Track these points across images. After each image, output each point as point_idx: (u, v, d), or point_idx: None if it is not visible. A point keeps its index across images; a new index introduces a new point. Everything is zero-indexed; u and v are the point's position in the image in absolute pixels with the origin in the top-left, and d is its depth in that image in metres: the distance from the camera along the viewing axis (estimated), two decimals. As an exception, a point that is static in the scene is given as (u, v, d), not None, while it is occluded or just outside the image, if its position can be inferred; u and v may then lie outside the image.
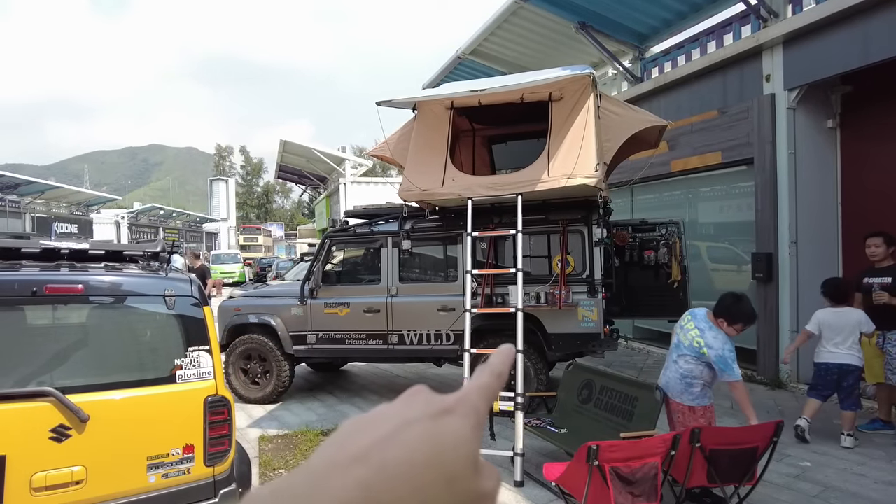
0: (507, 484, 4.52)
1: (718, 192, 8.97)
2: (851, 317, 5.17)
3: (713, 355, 3.83)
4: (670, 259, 6.95)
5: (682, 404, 3.98)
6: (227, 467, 2.99)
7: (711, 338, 3.88)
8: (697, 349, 3.91)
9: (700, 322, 4.01)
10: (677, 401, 4.01)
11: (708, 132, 8.34)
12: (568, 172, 4.95)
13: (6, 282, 2.70)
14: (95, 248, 3.35)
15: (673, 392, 4.03)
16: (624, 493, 3.23)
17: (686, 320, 4.14)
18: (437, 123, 5.53)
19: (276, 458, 5.15)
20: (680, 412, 4.00)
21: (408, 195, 5.63)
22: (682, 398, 3.98)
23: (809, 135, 7.29)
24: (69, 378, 2.72)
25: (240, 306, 7.17)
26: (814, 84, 6.98)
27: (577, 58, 10.62)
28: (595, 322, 5.85)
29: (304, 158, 28.44)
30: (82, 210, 37.38)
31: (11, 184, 28.07)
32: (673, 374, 4.05)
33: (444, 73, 12.76)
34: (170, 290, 2.95)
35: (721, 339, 3.87)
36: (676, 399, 4.01)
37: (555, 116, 5.17)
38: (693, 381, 3.94)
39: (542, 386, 5.97)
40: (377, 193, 21.42)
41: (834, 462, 4.84)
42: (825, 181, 7.38)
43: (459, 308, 5.70)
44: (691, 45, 9.00)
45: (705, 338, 3.90)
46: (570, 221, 5.96)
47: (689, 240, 8.01)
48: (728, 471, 3.58)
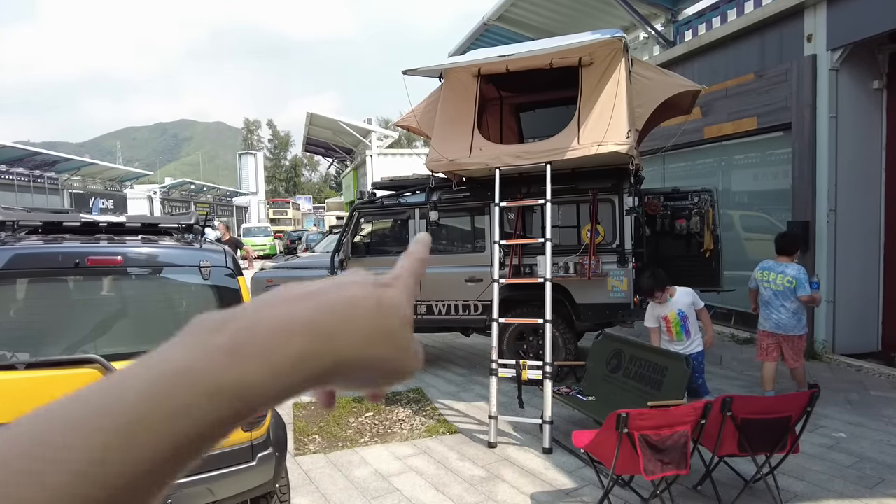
0: (535, 451, 4.58)
1: (753, 160, 8.69)
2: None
3: (797, 280, 4.99)
4: (703, 228, 6.81)
5: (796, 336, 5.11)
6: (263, 432, 3.08)
7: (792, 271, 5.08)
8: (791, 287, 5.02)
9: (777, 267, 5.18)
10: (791, 334, 5.10)
11: (743, 97, 8.05)
12: (598, 140, 4.86)
13: (51, 254, 2.79)
14: (132, 221, 3.44)
15: (787, 328, 5.10)
16: (653, 460, 3.23)
17: (765, 275, 5.23)
18: (464, 92, 5.46)
19: (310, 423, 5.30)
20: (794, 341, 5.12)
21: (435, 165, 5.61)
22: (796, 330, 5.10)
23: (853, 97, 6.97)
24: (111, 346, 2.82)
25: (272, 277, 7.32)
26: (859, 43, 6.65)
27: (607, 22, 10.30)
28: (625, 292, 5.80)
29: (330, 131, 28.48)
30: (116, 185, 38.28)
31: (49, 161, 28.87)
32: (785, 315, 5.10)
33: (471, 41, 12.52)
34: (205, 261, 3.02)
35: (796, 268, 5.10)
36: (791, 332, 5.10)
37: (585, 82, 5.05)
38: (801, 315, 5.11)
39: (570, 356, 5.98)
40: (403, 165, 21.36)
41: (869, 433, 4.76)
42: (869, 146, 7.08)
43: (487, 279, 5.70)
44: (727, 6, 8.63)
45: (788, 273, 5.07)
46: (601, 190, 5.86)
47: (722, 208, 7.82)
48: (760, 440, 3.55)
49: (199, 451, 0.30)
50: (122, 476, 0.27)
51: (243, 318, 0.33)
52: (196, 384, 0.30)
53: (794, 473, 4.04)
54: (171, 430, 0.29)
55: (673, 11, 9.83)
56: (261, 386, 0.31)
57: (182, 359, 0.31)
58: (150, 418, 0.28)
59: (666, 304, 4.76)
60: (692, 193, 6.97)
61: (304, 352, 0.32)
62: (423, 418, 5.39)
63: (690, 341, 4.75)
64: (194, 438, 0.29)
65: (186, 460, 0.30)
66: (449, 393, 6.13)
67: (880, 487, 3.88)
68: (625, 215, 5.81)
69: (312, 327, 0.33)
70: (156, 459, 0.28)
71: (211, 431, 0.30)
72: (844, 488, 3.88)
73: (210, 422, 0.30)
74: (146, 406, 0.28)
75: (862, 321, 7.14)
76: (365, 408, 5.67)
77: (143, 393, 0.29)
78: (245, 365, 0.31)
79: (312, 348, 0.32)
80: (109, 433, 0.27)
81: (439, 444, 4.80)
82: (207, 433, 0.30)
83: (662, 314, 4.80)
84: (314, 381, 0.33)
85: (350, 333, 0.34)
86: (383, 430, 5.17)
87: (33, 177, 27.69)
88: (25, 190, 26.73)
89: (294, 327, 0.32)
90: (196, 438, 0.29)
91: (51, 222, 3.20)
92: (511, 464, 4.40)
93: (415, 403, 5.80)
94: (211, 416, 0.30)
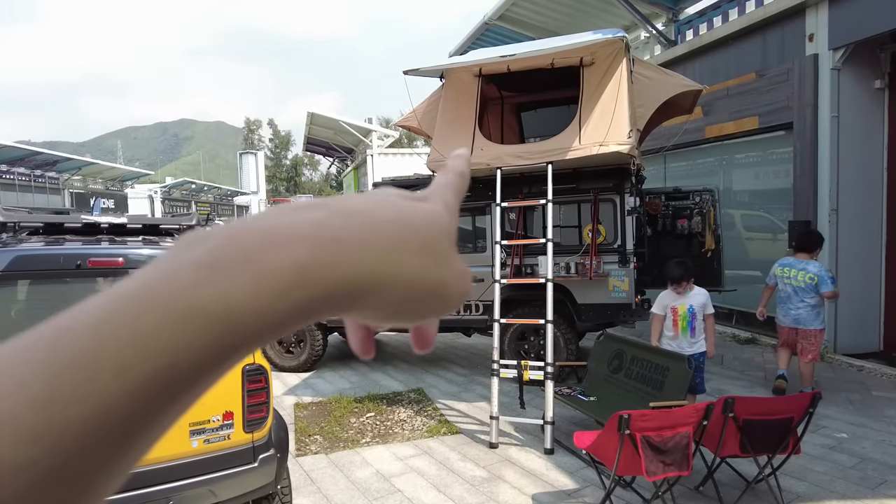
0: (536, 451, 4.58)
1: (754, 159, 8.68)
2: None
3: (819, 276, 5.24)
4: (704, 228, 6.81)
5: (813, 330, 5.37)
6: (265, 433, 3.08)
7: (814, 268, 5.34)
8: (812, 283, 5.27)
9: (797, 264, 5.42)
10: (810, 328, 5.37)
11: (744, 96, 8.04)
12: (600, 140, 4.85)
13: (53, 255, 2.79)
14: (133, 223, 3.44)
15: (806, 322, 5.36)
16: (655, 461, 3.23)
17: (786, 271, 5.46)
18: (465, 92, 5.45)
19: (311, 424, 5.30)
20: (812, 336, 5.37)
21: (436, 166, 5.59)
22: (815, 324, 5.37)
23: (855, 97, 6.96)
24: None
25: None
26: (861, 42, 6.64)
27: (608, 21, 10.29)
28: (626, 292, 5.79)
29: (331, 131, 28.46)
30: (117, 185, 38.30)
31: (50, 161, 28.87)
32: (804, 311, 5.37)
33: (471, 40, 12.51)
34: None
35: (817, 265, 5.38)
36: (809, 327, 5.36)
37: (586, 82, 5.04)
38: (819, 310, 5.37)
39: (571, 356, 5.98)
40: (404, 164, 21.35)
41: (871, 434, 4.75)
42: (871, 145, 7.07)
43: (488, 279, 5.70)
44: (728, 5, 8.62)
45: (810, 270, 5.32)
46: (602, 190, 5.86)
47: (724, 208, 7.81)
48: (761, 441, 3.55)
49: (179, 396, 0.23)
50: (68, 426, 0.21)
51: (233, 228, 0.25)
52: (160, 305, 0.23)
53: (796, 474, 4.04)
54: (133, 366, 0.22)
55: (674, 10, 9.82)
56: (249, 306, 0.23)
57: (143, 279, 0.24)
58: (104, 352, 0.22)
59: (683, 296, 4.73)
60: (693, 193, 6.97)
61: (305, 261, 0.25)
62: (424, 419, 5.39)
63: (696, 339, 4.71)
64: (166, 376, 0.22)
65: (163, 408, 0.23)
66: (450, 393, 6.13)
67: (882, 488, 3.87)
68: (626, 215, 5.81)
69: (318, 231, 0.25)
70: (115, 404, 0.21)
71: (189, 367, 0.23)
72: (846, 489, 3.88)
73: (184, 354, 0.22)
74: (98, 339, 0.22)
75: (863, 321, 7.13)
76: (366, 408, 5.66)
77: (96, 322, 0.22)
78: (226, 280, 0.23)
79: (316, 256, 0.25)
80: (54, 374, 0.21)
81: (441, 445, 4.80)
82: (184, 369, 0.23)
83: (673, 305, 4.71)
84: (325, 303, 0.25)
85: (369, 241, 0.26)
86: (384, 430, 5.17)
87: (34, 177, 27.69)
88: (27, 190, 26.74)
89: (295, 231, 0.25)
90: (169, 376, 0.22)
91: (52, 223, 3.20)
92: (512, 464, 4.40)
93: (416, 404, 5.79)
94: (184, 346, 0.22)
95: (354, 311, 0.28)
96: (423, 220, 0.29)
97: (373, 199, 0.29)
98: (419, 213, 0.30)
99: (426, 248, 0.28)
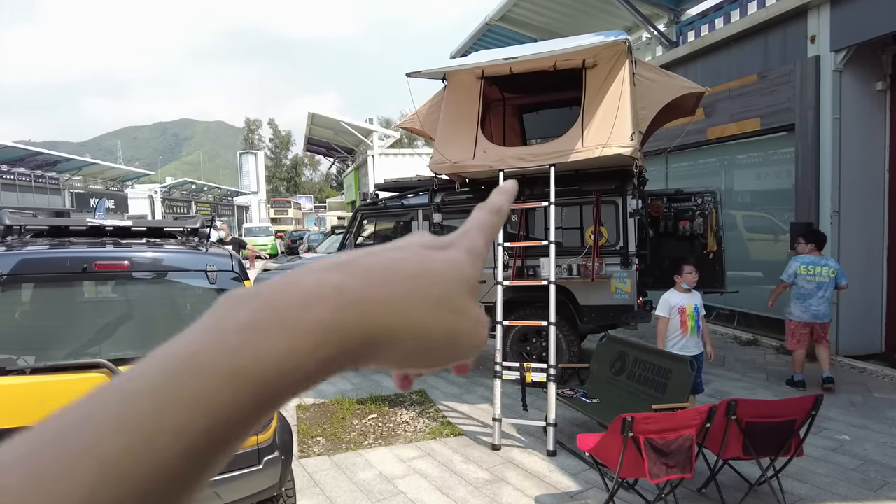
0: (539, 453, 4.58)
1: (756, 160, 8.69)
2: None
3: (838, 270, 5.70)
4: (706, 229, 6.81)
5: (828, 322, 5.77)
6: (269, 436, 3.08)
7: (834, 263, 5.76)
8: (833, 277, 5.66)
9: (820, 261, 5.74)
10: (826, 321, 5.76)
11: (746, 98, 8.04)
12: (603, 142, 4.85)
13: (59, 259, 2.80)
14: (138, 225, 3.45)
15: (824, 317, 5.74)
16: (658, 464, 3.24)
17: (810, 269, 5.74)
18: (468, 94, 5.46)
19: (314, 425, 5.31)
20: (827, 326, 5.77)
21: (439, 168, 5.61)
22: (829, 317, 5.76)
23: (856, 98, 6.97)
24: (118, 350, 2.83)
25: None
26: (863, 44, 6.64)
27: (609, 22, 10.29)
28: (628, 294, 5.80)
29: (331, 131, 28.45)
30: (117, 185, 38.28)
31: (50, 161, 28.85)
32: (824, 306, 5.72)
33: (473, 41, 12.51)
34: (211, 265, 3.02)
35: (832, 260, 5.84)
36: (825, 320, 5.76)
37: (589, 84, 5.05)
38: (830, 303, 5.74)
39: (573, 358, 5.98)
40: (405, 165, 21.35)
41: (873, 436, 4.76)
42: (872, 147, 7.08)
43: (490, 280, 5.70)
44: (730, 7, 8.62)
45: (831, 265, 5.73)
46: (604, 192, 5.86)
47: (725, 209, 7.82)
48: (764, 443, 3.55)
49: (224, 448, 0.26)
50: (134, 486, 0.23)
51: (267, 291, 0.28)
52: (209, 368, 0.25)
53: (799, 476, 4.04)
54: (188, 424, 0.24)
55: (676, 12, 9.82)
56: (282, 365, 0.26)
57: (193, 343, 0.26)
58: (163, 414, 0.24)
59: (688, 294, 4.72)
60: (695, 195, 6.97)
61: (330, 320, 0.27)
62: (426, 420, 5.40)
63: (699, 339, 4.71)
64: (215, 431, 0.25)
65: (211, 459, 0.25)
66: (452, 395, 6.13)
67: (885, 490, 3.88)
68: (628, 217, 5.81)
69: (340, 292, 0.28)
70: (170, 463, 0.24)
71: (234, 422, 0.25)
72: (849, 491, 3.88)
73: (228, 414, 0.25)
74: (154, 403, 0.24)
75: (865, 323, 7.13)
76: (368, 410, 5.67)
77: (152, 385, 0.25)
78: (262, 342, 0.26)
79: (340, 316, 0.28)
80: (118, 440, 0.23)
81: (443, 447, 4.81)
82: (230, 424, 0.25)
83: (681, 305, 4.68)
84: (350, 355, 0.28)
85: (386, 298, 0.29)
86: (387, 432, 5.18)
87: (34, 177, 27.68)
88: (27, 190, 26.73)
89: (320, 293, 0.28)
90: (217, 431, 0.25)
91: (57, 226, 3.21)
92: (515, 466, 4.40)
93: (418, 405, 5.80)
94: (228, 408, 0.25)
95: (373, 361, 0.30)
96: (442, 272, 0.31)
97: (395, 254, 0.31)
98: (438, 263, 0.31)
99: (442, 301, 0.31)
